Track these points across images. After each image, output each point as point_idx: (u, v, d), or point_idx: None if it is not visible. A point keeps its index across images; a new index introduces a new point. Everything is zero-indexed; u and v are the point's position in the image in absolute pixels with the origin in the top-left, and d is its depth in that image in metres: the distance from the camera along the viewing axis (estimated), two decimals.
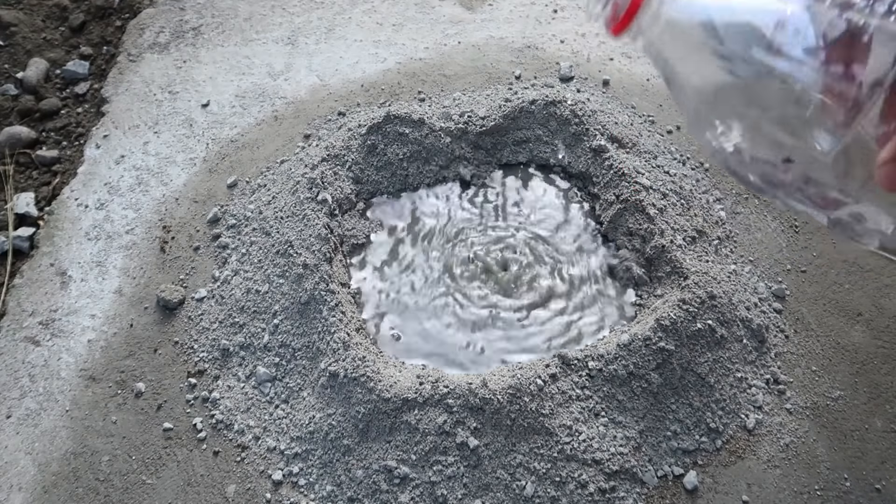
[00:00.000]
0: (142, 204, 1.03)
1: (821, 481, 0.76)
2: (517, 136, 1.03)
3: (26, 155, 1.11)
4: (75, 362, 0.88)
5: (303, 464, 0.77)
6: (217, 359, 0.86)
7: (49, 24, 1.29)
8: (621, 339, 0.79)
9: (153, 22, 1.29)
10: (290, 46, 1.23)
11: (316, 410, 0.79)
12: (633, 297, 0.89)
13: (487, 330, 0.87)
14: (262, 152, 1.07)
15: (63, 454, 0.81)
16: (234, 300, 0.89)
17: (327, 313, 0.82)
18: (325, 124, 1.09)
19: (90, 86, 1.22)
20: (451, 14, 1.28)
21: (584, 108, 1.02)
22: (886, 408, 0.81)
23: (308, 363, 0.82)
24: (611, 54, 1.20)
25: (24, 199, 1.04)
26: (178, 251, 0.97)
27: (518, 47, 1.20)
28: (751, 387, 0.82)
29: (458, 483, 0.73)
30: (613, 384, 0.78)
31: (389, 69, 1.18)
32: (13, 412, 0.84)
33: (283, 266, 0.88)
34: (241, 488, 0.77)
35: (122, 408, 0.84)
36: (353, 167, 0.99)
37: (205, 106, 1.15)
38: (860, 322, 0.88)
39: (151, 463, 0.79)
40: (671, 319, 0.78)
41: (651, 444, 0.77)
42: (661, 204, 0.92)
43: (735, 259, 0.93)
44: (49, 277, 0.96)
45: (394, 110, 1.02)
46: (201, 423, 0.82)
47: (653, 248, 0.88)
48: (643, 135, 1.04)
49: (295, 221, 0.91)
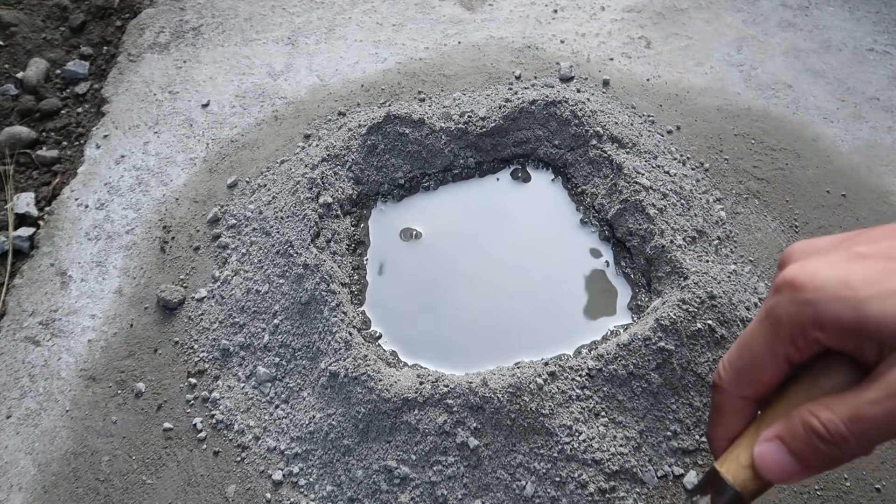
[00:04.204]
0: (142, 204, 1.03)
1: (821, 481, 0.76)
2: (517, 137, 1.03)
3: (26, 155, 1.11)
4: (75, 362, 0.88)
5: (303, 464, 0.77)
6: (217, 359, 0.86)
7: (49, 24, 1.29)
8: (621, 339, 0.79)
9: (153, 22, 1.29)
10: (291, 46, 1.23)
11: (316, 410, 0.79)
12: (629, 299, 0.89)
13: (488, 329, 0.87)
14: (262, 152, 1.07)
15: (63, 454, 0.81)
16: (235, 300, 0.89)
17: (328, 313, 0.82)
18: (325, 124, 1.09)
19: (90, 86, 1.22)
20: (451, 14, 1.28)
21: (584, 108, 1.02)
22: None
23: (308, 363, 0.82)
24: (611, 54, 1.20)
25: (24, 199, 1.04)
26: (179, 251, 0.97)
27: (518, 47, 1.20)
28: None
29: (459, 483, 0.73)
30: (613, 384, 0.78)
31: (389, 69, 1.18)
32: (13, 412, 0.84)
33: (284, 266, 0.88)
34: (241, 488, 0.77)
35: (123, 408, 0.84)
36: (354, 167, 0.99)
37: (205, 106, 1.15)
38: None
39: (151, 463, 0.80)
40: (671, 319, 0.79)
41: (651, 444, 0.77)
42: (661, 204, 0.92)
43: (735, 259, 0.93)
44: (49, 277, 0.96)
45: (394, 110, 1.02)
46: (201, 423, 0.82)
47: (653, 248, 0.88)
48: (643, 135, 1.04)
49: (295, 221, 0.91)
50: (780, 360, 0.40)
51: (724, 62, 1.19)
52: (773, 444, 0.39)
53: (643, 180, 0.94)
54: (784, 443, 0.39)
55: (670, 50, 1.21)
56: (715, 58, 1.20)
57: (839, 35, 1.24)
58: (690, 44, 1.22)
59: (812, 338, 0.38)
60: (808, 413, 0.38)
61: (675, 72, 1.17)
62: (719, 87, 1.15)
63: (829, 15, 1.27)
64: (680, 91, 1.14)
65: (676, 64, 1.19)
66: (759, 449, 0.40)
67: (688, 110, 1.11)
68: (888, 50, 1.21)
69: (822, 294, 0.37)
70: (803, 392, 0.41)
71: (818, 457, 0.37)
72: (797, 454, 0.38)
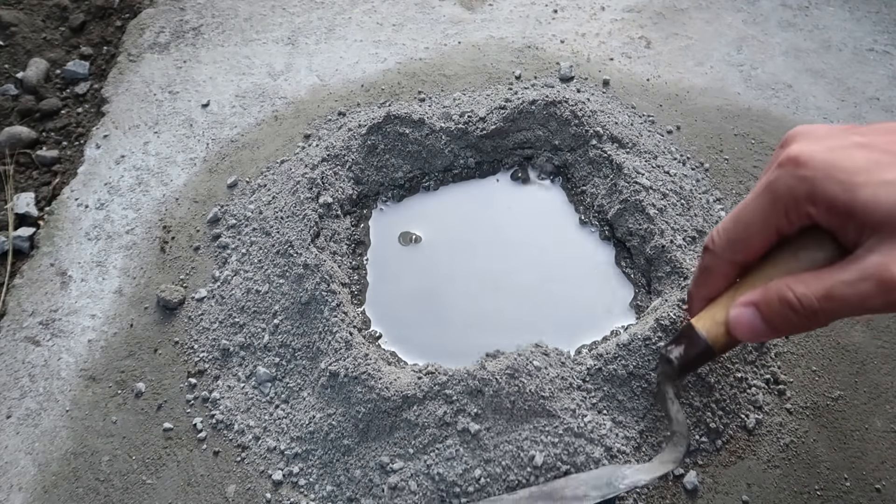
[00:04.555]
0: (142, 204, 1.03)
1: (821, 481, 0.76)
2: (518, 138, 1.03)
3: (26, 155, 1.11)
4: (75, 362, 0.88)
5: (303, 464, 0.77)
6: (217, 359, 0.86)
7: (49, 24, 1.29)
8: (621, 339, 0.79)
9: (153, 22, 1.29)
10: (291, 46, 1.23)
11: (316, 410, 0.79)
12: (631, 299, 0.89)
13: (488, 329, 0.87)
14: (262, 152, 1.08)
15: (63, 454, 0.81)
16: (235, 300, 0.89)
17: (328, 313, 0.82)
18: (325, 124, 1.09)
19: (90, 86, 1.22)
20: (451, 14, 1.28)
21: (584, 108, 1.02)
22: (886, 408, 0.81)
23: (308, 363, 0.82)
24: (611, 54, 1.20)
25: (24, 199, 1.04)
26: (178, 251, 0.97)
27: (518, 47, 1.20)
28: (751, 387, 0.82)
29: (458, 462, 0.73)
30: (613, 384, 0.78)
31: (389, 69, 1.18)
32: (13, 412, 0.84)
33: (284, 266, 0.88)
34: (241, 488, 0.77)
35: (122, 408, 0.84)
36: (354, 167, 0.99)
37: (205, 106, 1.15)
38: (860, 322, 0.88)
39: (151, 463, 0.80)
40: (671, 319, 0.79)
41: (651, 444, 0.77)
42: (661, 204, 0.92)
43: None
44: (49, 277, 0.96)
45: (394, 110, 1.02)
46: (201, 423, 0.82)
47: (653, 248, 0.88)
48: (643, 135, 1.04)
49: (295, 221, 0.91)
50: (770, 230, 0.44)
51: (724, 62, 1.19)
52: (749, 309, 0.44)
53: (643, 180, 0.94)
54: (758, 309, 0.43)
55: (670, 50, 1.21)
56: (715, 58, 1.20)
57: (839, 35, 1.24)
58: (690, 44, 1.22)
59: (804, 211, 0.42)
60: (785, 286, 0.42)
61: (675, 72, 1.17)
62: (719, 87, 1.15)
63: (829, 15, 1.27)
64: (680, 91, 1.14)
65: (676, 64, 1.19)
66: (735, 312, 0.44)
67: (688, 110, 1.11)
68: (888, 50, 1.21)
69: (820, 173, 0.40)
70: (783, 265, 0.44)
71: (787, 325, 0.42)
72: (768, 320, 0.43)
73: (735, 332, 0.44)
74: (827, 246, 0.42)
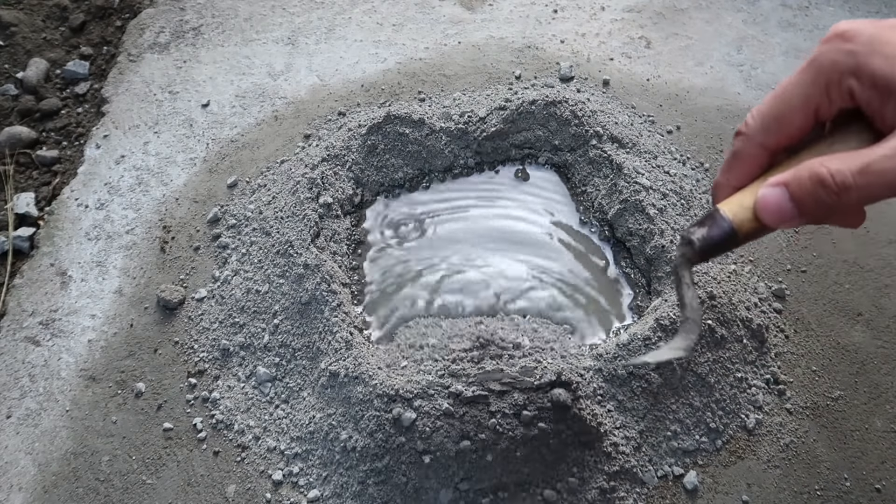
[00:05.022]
0: (142, 204, 1.03)
1: (821, 481, 0.76)
2: (518, 139, 1.03)
3: (26, 155, 1.11)
4: (75, 362, 0.88)
5: (303, 464, 0.77)
6: (217, 359, 0.86)
7: (49, 24, 1.29)
8: (621, 339, 0.79)
9: (153, 22, 1.29)
10: (291, 46, 1.23)
11: (316, 410, 0.79)
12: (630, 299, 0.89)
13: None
14: (262, 152, 1.07)
15: (63, 454, 0.81)
16: (235, 300, 0.89)
17: (329, 313, 0.82)
18: (325, 124, 1.09)
19: (90, 86, 1.22)
20: (451, 14, 1.28)
21: (584, 108, 1.02)
22: (886, 408, 0.81)
23: (308, 363, 0.82)
24: (611, 54, 1.20)
25: (24, 199, 1.04)
26: (179, 251, 0.97)
27: (518, 47, 1.20)
28: (751, 387, 0.82)
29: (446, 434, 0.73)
30: (613, 384, 0.78)
31: (389, 69, 1.18)
32: (13, 412, 0.84)
33: (284, 266, 0.88)
34: (241, 488, 0.77)
35: (123, 408, 0.84)
36: (354, 167, 0.99)
37: (205, 106, 1.15)
38: (860, 322, 0.88)
39: (151, 463, 0.80)
40: (671, 319, 0.78)
41: (651, 444, 0.77)
42: (661, 204, 0.92)
43: (735, 259, 0.93)
44: (49, 277, 0.96)
45: (394, 110, 1.02)
46: (201, 423, 0.82)
47: (653, 248, 0.88)
48: (643, 135, 1.04)
49: (295, 221, 0.91)
50: (809, 110, 0.43)
51: (724, 62, 1.19)
52: (778, 188, 0.41)
53: (643, 180, 0.94)
54: (788, 188, 0.41)
55: (670, 50, 1.21)
56: (715, 58, 1.20)
57: None
58: (690, 44, 1.22)
59: (846, 86, 0.41)
60: (818, 163, 0.40)
61: (675, 72, 1.17)
62: (719, 87, 1.15)
63: (829, 15, 1.27)
64: (680, 91, 1.14)
65: (676, 64, 1.19)
66: (764, 191, 0.42)
67: (688, 110, 1.11)
68: None
69: (867, 48, 0.40)
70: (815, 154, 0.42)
71: (817, 205, 0.40)
72: (798, 200, 0.41)
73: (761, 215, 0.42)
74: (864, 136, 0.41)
